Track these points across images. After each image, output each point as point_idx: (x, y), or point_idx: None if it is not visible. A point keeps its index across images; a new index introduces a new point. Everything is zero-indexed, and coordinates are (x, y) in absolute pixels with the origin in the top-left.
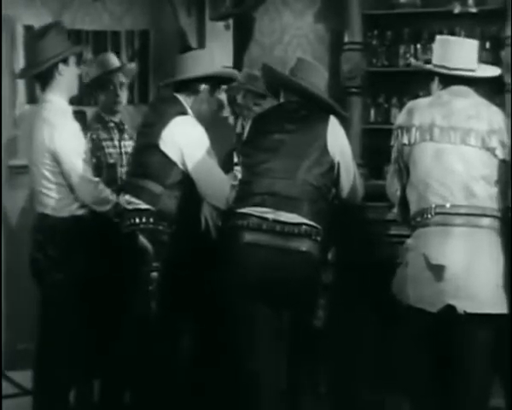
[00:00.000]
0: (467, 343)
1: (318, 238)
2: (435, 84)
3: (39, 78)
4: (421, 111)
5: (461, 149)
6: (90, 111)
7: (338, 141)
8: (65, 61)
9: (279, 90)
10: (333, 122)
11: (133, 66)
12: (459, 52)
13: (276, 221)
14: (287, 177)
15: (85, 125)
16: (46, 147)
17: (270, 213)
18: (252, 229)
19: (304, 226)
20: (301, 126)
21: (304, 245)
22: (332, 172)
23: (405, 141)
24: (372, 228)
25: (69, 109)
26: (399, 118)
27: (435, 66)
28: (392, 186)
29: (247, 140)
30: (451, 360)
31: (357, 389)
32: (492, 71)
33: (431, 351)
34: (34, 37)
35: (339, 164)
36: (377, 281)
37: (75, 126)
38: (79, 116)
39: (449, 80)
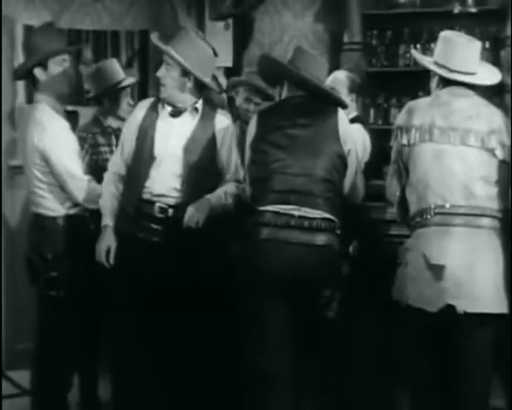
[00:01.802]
0: (466, 343)
1: (338, 232)
2: (435, 83)
3: (30, 78)
4: (421, 111)
5: (460, 149)
6: (83, 111)
7: (348, 132)
8: (43, 64)
9: (277, 81)
10: (341, 114)
11: (136, 79)
12: (461, 53)
13: (302, 217)
14: (305, 174)
15: (77, 125)
16: (36, 147)
17: (295, 211)
18: (280, 226)
19: (327, 221)
20: (313, 121)
21: (328, 239)
22: (345, 165)
23: (405, 141)
24: (376, 227)
25: (60, 109)
26: (399, 118)
27: (436, 63)
28: (392, 187)
29: (257, 136)
30: (451, 359)
31: (358, 386)
32: (493, 76)
33: (431, 350)
34: (28, 37)
35: (349, 152)
36: (382, 279)
37: (64, 126)
38: (71, 116)
39: (449, 81)
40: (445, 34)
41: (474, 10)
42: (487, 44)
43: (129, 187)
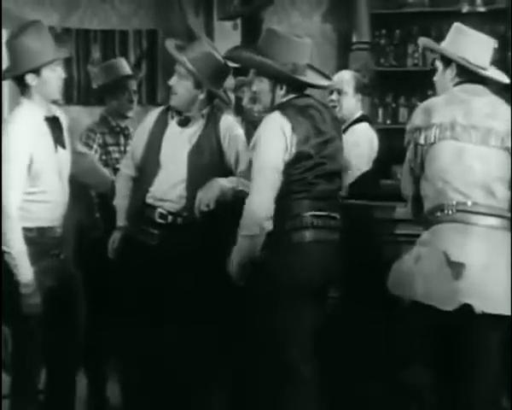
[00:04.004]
0: (482, 343)
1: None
2: (449, 76)
3: (15, 82)
4: (440, 110)
5: (481, 149)
6: (90, 110)
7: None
8: (36, 71)
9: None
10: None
11: (142, 73)
12: (479, 47)
13: (329, 217)
14: (334, 183)
15: (61, 129)
16: None
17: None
18: (319, 227)
19: (338, 219)
20: (335, 129)
21: (338, 235)
22: None
23: (422, 141)
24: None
25: (37, 115)
26: (416, 119)
27: (449, 51)
28: (405, 182)
29: (299, 142)
30: (464, 359)
31: (361, 385)
32: (503, 75)
33: (439, 349)
34: (9, 37)
35: None
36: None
37: (17, 138)
38: (52, 121)
39: (467, 75)
40: (460, 26)
41: (482, 9)
42: (496, 44)
43: (135, 191)
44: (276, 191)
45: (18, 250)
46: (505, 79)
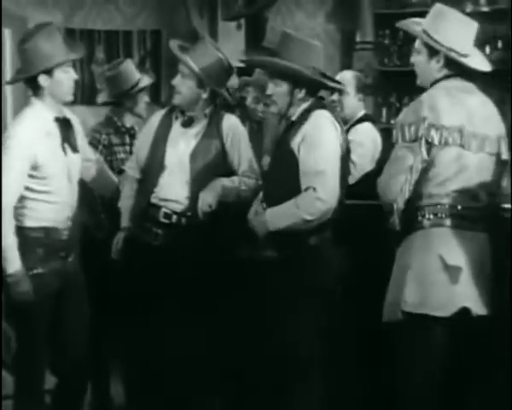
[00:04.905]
0: (484, 346)
1: None
2: (434, 64)
3: (26, 83)
4: (447, 110)
5: (477, 156)
6: (95, 110)
7: None
8: (48, 72)
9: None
10: None
11: (151, 80)
12: (464, 33)
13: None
14: None
15: (72, 131)
16: None
17: None
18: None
19: None
20: None
21: None
22: None
23: (436, 141)
24: None
25: (46, 116)
26: (423, 111)
27: (436, 42)
28: (396, 184)
29: (345, 137)
30: (463, 364)
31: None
32: (486, 62)
33: (439, 359)
34: (21, 40)
35: None
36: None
37: (19, 139)
38: (62, 122)
39: (455, 67)
40: (441, 8)
41: (486, 9)
42: (499, 44)
43: (140, 192)
44: None
45: (8, 243)
46: (487, 67)
